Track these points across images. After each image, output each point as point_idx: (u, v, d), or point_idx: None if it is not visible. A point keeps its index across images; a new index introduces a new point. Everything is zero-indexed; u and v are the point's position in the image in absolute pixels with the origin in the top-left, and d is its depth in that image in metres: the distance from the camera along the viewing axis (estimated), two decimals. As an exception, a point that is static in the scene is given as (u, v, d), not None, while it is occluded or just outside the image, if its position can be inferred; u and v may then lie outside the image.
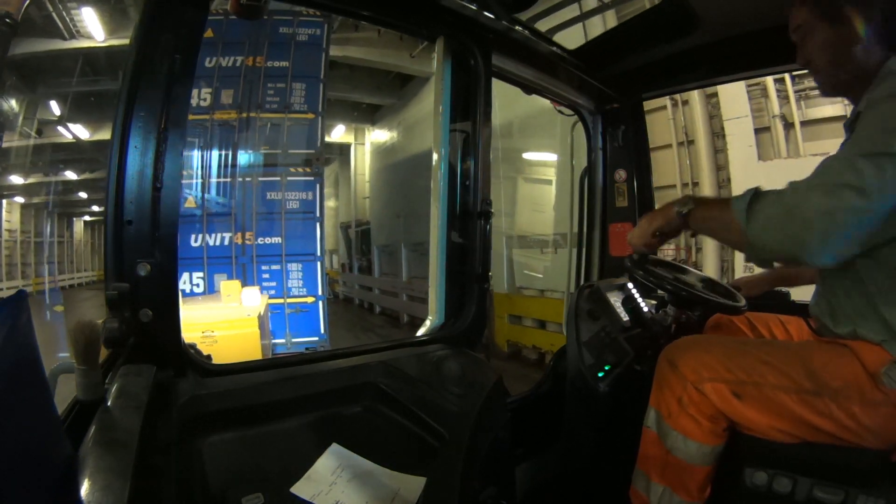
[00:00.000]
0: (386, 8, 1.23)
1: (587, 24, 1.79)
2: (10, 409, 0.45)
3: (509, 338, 6.20)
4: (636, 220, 1.93)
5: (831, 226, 0.84)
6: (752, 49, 1.51)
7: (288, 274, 6.57)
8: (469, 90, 1.38)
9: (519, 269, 6.69)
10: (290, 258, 6.59)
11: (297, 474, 0.82)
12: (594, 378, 1.35)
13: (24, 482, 0.46)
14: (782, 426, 1.01)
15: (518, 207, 6.74)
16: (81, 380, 0.69)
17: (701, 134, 3.90)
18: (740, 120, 3.71)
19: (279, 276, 6.49)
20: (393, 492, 0.83)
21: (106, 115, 9.60)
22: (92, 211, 23.07)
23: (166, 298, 0.87)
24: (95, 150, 12.34)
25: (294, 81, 6.56)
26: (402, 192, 10.21)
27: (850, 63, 1.03)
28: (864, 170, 0.82)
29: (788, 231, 0.87)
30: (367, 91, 10.91)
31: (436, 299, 1.41)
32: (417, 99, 10.12)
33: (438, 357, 1.15)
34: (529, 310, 6.04)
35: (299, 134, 6.63)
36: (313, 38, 6.66)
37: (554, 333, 5.49)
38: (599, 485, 1.43)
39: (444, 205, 1.39)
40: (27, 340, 0.50)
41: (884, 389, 0.94)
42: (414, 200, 9.19)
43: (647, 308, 1.48)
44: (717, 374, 1.04)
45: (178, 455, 0.73)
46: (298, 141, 6.63)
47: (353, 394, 1.02)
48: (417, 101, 10.11)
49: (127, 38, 5.73)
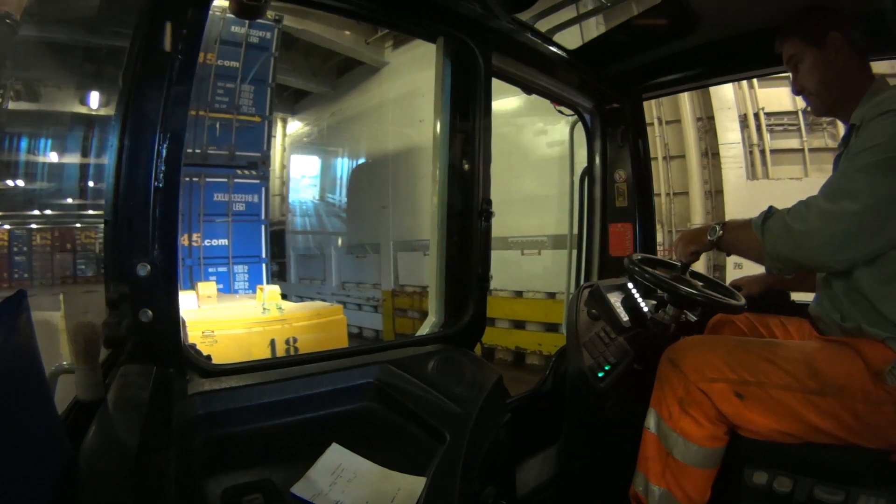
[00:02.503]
0: (386, 8, 1.23)
1: (587, 24, 1.79)
2: (10, 409, 0.45)
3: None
4: (636, 220, 1.93)
5: (835, 231, 0.95)
6: (751, 49, 1.51)
7: (234, 276, 6.56)
8: (469, 90, 1.38)
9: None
10: (237, 260, 6.59)
11: (297, 474, 0.82)
12: (594, 378, 1.35)
13: (24, 482, 0.46)
14: (784, 427, 1.01)
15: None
16: (81, 380, 0.69)
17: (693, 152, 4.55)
18: (732, 146, 4.43)
19: (226, 278, 6.49)
20: (393, 492, 0.83)
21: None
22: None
23: (166, 298, 0.87)
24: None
25: (243, 83, 6.54)
26: (339, 190, 9.21)
27: (838, 83, 1.14)
28: (857, 180, 0.96)
29: (799, 240, 0.98)
30: (301, 76, 9.55)
31: (436, 299, 1.41)
32: (360, 90, 8.88)
33: (438, 357, 1.15)
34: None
35: (246, 136, 6.63)
36: (264, 42, 6.63)
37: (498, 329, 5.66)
38: (599, 486, 1.43)
39: (443, 205, 1.39)
40: (27, 340, 0.50)
41: (887, 388, 0.94)
42: (354, 200, 8.59)
43: (647, 308, 1.47)
44: (720, 374, 1.04)
45: (178, 455, 0.73)
46: (244, 143, 6.64)
47: (353, 394, 1.02)
48: (360, 92, 8.87)
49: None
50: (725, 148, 4.50)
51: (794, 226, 0.99)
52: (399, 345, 1.25)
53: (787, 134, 4.39)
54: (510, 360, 5.82)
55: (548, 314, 5.39)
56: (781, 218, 1.02)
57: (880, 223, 0.94)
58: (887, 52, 1.40)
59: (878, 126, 0.98)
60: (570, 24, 1.61)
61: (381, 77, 8.13)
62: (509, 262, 5.72)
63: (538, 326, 5.56)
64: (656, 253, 1.94)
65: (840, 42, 1.12)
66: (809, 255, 0.99)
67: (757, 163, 4.46)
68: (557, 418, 1.56)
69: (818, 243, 0.97)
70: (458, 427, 0.95)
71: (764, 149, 4.47)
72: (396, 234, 7.57)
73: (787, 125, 4.44)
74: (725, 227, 1.15)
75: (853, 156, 1.00)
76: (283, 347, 3.73)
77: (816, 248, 0.97)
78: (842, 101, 1.15)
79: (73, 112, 8.84)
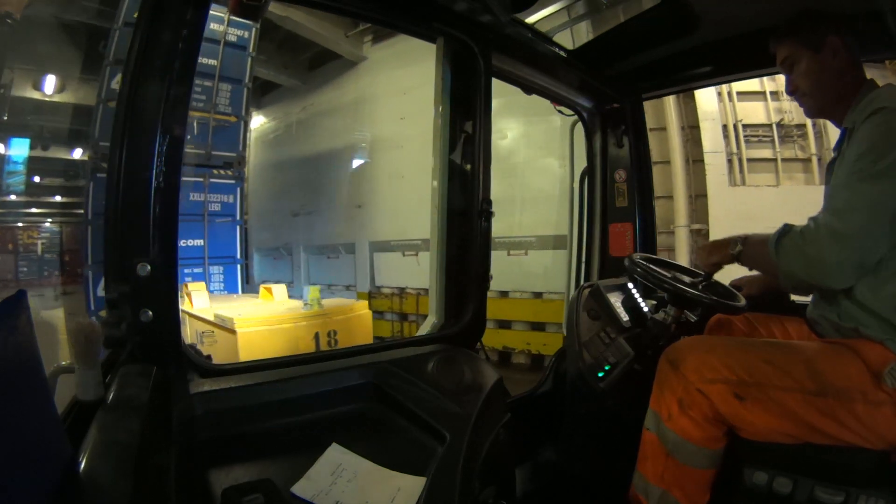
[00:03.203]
0: (386, 8, 1.23)
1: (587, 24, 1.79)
2: (10, 409, 0.45)
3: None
4: (636, 220, 1.93)
5: (847, 255, 0.96)
6: (751, 49, 1.51)
7: (210, 277, 6.51)
8: (469, 90, 1.38)
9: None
10: (212, 261, 6.52)
11: (297, 474, 0.82)
12: (594, 378, 1.35)
13: (23, 482, 0.46)
14: (783, 428, 1.00)
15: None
16: (81, 380, 0.69)
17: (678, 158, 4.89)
18: (716, 154, 4.83)
19: (201, 279, 6.38)
20: (393, 492, 0.83)
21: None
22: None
23: (166, 298, 0.87)
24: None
25: (221, 82, 6.47)
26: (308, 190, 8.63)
27: (832, 87, 1.15)
28: (861, 193, 0.96)
29: (812, 264, 0.99)
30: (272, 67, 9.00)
31: (436, 299, 1.41)
32: (334, 85, 8.39)
33: (438, 357, 1.15)
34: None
35: (222, 136, 6.57)
36: (242, 41, 6.53)
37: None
38: (599, 486, 1.43)
39: (444, 205, 1.39)
40: (27, 340, 0.50)
41: (887, 389, 0.94)
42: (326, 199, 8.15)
43: (647, 308, 1.48)
44: (719, 375, 1.03)
45: (178, 455, 0.73)
46: (220, 142, 6.58)
47: (353, 394, 1.02)
48: (334, 86, 8.38)
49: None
50: (710, 156, 4.84)
51: (807, 250, 0.99)
52: (399, 345, 1.25)
53: (761, 144, 4.81)
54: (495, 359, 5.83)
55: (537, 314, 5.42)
56: (795, 239, 1.02)
57: (883, 231, 0.95)
58: (881, 53, 1.40)
59: (869, 126, 0.99)
60: (570, 24, 1.61)
61: (358, 72, 7.83)
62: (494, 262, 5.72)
63: (524, 326, 5.59)
64: (656, 253, 1.94)
65: (838, 46, 1.13)
66: (824, 279, 0.99)
67: (736, 170, 4.84)
68: (557, 418, 1.56)
69: (831, 268, 0.97)
70: (458, 427, 0.94)
71: (741, 157, 4.86)
72: (373, 233, 7.36)
73: (762, 136, 4.85)
74: (746, 241, 1.15)
75: (850, 164, 1.00)
76: (325, 339, 4.01)
77: (830, 273, 0.97)
78: (835, 103, 1.16)
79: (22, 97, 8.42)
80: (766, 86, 4.82)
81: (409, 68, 6.20)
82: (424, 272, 6.22)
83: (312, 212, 8.56)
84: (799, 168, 4.76)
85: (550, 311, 5.28)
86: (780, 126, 4.79)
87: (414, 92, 6.22)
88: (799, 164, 4.74)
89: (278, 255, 9.38)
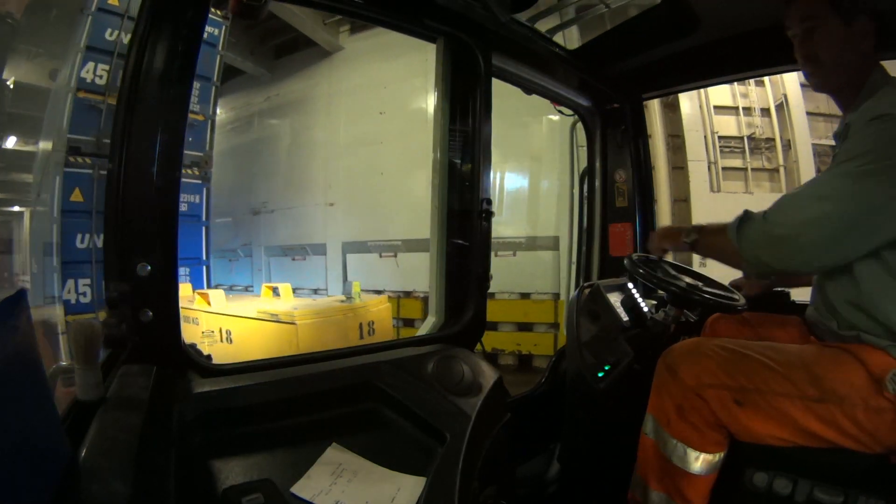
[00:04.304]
0: (385, 8, 1.23)
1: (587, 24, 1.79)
2: (10, 409, 0.45)
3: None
4: (636, 220, 1.94)
5: (816, 237, 0.93)
6: (752, 49, 1.51)
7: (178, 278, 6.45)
8: (469, 90, 1.37)
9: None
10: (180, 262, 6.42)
11: (297, 474, 0.82)
12: (594, 378, 1.35)
13: (24, 482, 0.46)
14: (783, 434, 1.00)
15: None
16: (81, 380, 0.69)
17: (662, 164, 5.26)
18: (699, 162, 5.28)
19: None
20: (393, 492, 0.83)
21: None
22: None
23: (166, 298, 0.87)
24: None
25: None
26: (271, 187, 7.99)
27: (852, 65, 1.07)
28: (843, 185, 0.94)
29: (778, 245, 0.96)
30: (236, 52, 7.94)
31: (436, 299, 1.41)
32: (304, 75, 7.70)
33: (438, 357, 1.15)
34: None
35: (190, 134, 6.37)
36: (212, 38, 6.26)
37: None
38: (598, 485, 1.43)
39: (443, 205, 1.39)
40: (27, 340, 0.50)
41: (888, 395, 0.93)
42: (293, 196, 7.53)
43: (647, 308, 1.48)
44: (718, 380, 1.02)
45: (178, 455, 0.73)
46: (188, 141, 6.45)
47: (353, 394, 1.02)
48: (304, 77, 7.70)
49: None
50: (693, 164, 5.32)
51: (773, 231, 0.97)
52: (399, 345, 1.25)
53: (733, 155, 5.38)
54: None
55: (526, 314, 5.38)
56: (759, 222, 1.00)
57: (871, 230, 0.93)
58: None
59: (866, 132, 0.95)
60: (570, 24, 1.61)
61: (332, 63, 7.23)
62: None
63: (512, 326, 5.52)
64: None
65: (870, 29, 1.05)
66: (791, 259, 0.97)
67: (713, 178, 5.37)
68: (557, 418, 1.56)
69: (798, 248, 0.94)
70: (458, 427, 0.94)
71: (717, 166, 5.38)
72: (346, 233, 6.91)
73: (734, 147, 5.40)
74: (702, 231, 1.13)
75: (839, 161, 0.98)
76: (367, 330, 4.56)
77: (796, 253, 0.95)
78: (845, 84, 1.10)
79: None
80: (738, 101, 5.27)
81: (390, 62, 5.99)
82: (404, 274, 6.12)
83: (276, 210, 7.92)
84: (766, 177, 5.28)
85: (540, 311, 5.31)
86: (750, 139, 5.31)
87: (395, 86, 6.05)
88: (766, 173, 5.30)
89: (235, 256, 8.61)
